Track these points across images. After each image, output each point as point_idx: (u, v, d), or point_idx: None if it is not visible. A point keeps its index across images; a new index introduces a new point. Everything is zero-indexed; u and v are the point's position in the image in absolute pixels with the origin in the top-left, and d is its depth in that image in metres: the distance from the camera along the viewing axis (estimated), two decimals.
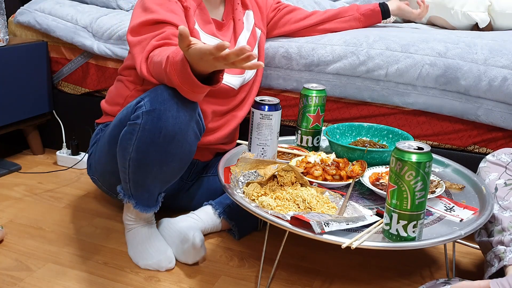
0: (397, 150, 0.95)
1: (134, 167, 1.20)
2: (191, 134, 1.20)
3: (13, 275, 1.25)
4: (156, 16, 1.28)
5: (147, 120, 1.15)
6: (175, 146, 1.18)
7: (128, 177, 1.23)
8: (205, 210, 1.42)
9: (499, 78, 1.41)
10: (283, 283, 1.26)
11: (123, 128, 1.21)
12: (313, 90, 1.39)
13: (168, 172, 1.23)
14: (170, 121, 1.14)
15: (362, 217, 1.05)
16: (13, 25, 2.02)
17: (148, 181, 1.23)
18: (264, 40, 1.62)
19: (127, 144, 1.19)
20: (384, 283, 1.28)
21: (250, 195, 1.14)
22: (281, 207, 1.09)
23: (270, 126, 1.27)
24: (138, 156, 1.19)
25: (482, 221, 1.06)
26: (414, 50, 1.51)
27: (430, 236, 1.01)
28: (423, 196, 0.95)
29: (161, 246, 1.31)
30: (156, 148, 1.17)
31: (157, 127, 1.15)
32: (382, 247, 1.00)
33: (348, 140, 1.45)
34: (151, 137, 1.16)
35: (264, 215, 1.05)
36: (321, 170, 1.22)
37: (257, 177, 1.21)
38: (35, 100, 1.92)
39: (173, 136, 1.16)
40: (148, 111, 1.15)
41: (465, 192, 1.24)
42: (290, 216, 1.02)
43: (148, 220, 1.34)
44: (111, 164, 1.29)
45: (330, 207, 1.10)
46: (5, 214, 1.55)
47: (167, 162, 1.20)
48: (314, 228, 0.97)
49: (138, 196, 1.26)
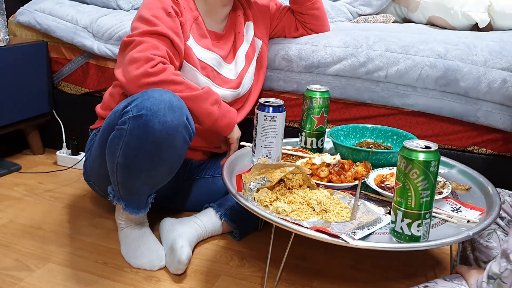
0: (404, 148, 0.95)
1: (121, 171, 1.20)
2: (180, 139, 1.18)
3: (13, 275, 1.25)
4: (158, 29, 1.28)
5: (134, 126, 1.14)
6: (163, 152, 1.16)
7: (116, 180, 1.23)
8: (207, 213, 1.42)
9: (498, 80, 1.41)
10: (283, 283, 1.26)
11: (111, 132, 1.20)
12: (317, 92, 1.39)
13: (156, 176, 1.22)
14: (157, 127, 1.12)
15: (379, 219, 1.05)
16: (13, 25, 2.02)
17: (137, 185, 1.22)
18: (265, 50, 1.61)
19: (114, 148, 1.18)
20: (385, 284, 1.28)
21: (263, 201, 1.11)
22: (297, 211, 1.07)
23: (274, 127, 1.25)
24: (125, 161, 1.18)
25: (489, 221, 1.05)
26: (414, 52, 1.51)
27: (437, 237, 1.00)
28: (428, 196, 0.95)
29: (153, 245, 1.31)
30: (143, 154, 1.16)
31: (144, 133, 1.13)
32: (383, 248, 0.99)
33: (352, 141, 1.45)
34: (138, 143, 1.14)
35: (288, 225, 1.01)
36: (327, 171, 1.21)
37: (266, 182, 1.18)
38: (35, 100, 1.92)
39: (161, 142, 1.14)
40: (135, 117, 1.13)
41: (471, 193, 1.23)
42: (315, 229, 1.00)
43: (139, 221, 1.34)
44: (104, 168, 1.28)
45: (343, 207, 1.09)
46: (5, 214, 1.55)
47: (155, 168, 1.19)
48: (347, 240, 0.96)
49: (127, 199, 1.26)
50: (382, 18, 2.09)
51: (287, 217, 1.05)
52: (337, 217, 1.07)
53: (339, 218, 1.06)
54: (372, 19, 2.07)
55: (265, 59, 1.60)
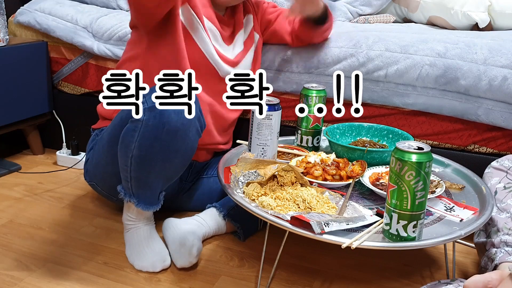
0: (397, 150, 0.95)
1: (136, 164, 1.21)
2: (193, 130, 1.21)
3: (13, 275, 1.25)
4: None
5: (150, 116, 1.16)
6: (178, 142, 1.19)
7: (129, 175, 1.23)
8: (210, 212, 1.42)
9: (499, 77, 1.41)
10: (283, 283, 1.26)
11: (123, 128, 1.22)
12: (313, 90, 1.39)
13: (170, 168, 1.24)
14: (173, 116, 1.16)
15: (362, 217, 1.05)
16: (13, 25, 2.02)
17: (151, 179, 1.23)
18: (261, 45, 1.62)
19: (129, 141, 1.20)
20: (384, 283, 1.28)
21: (250, 195, 1.14)
22: (281, 207, 1.09)
23: (270, 126, 1.27)
24: (140, 153, 1.19)
25: (482, 221, 1.06)
26: (413, 51, 1.51)
27: (430, 236, 1.01)
28: (423, 196, 0.95)
29: (157, 246, 1.31)
30: (159, 144, 1.18)
31: (160, 122, 1.16)
32: (382, 247, 1.00)
33: (348, 140, 1.45)
34: (154, 133, 1.17)
35: (264, 215, 1.05)
36: (321, 170, 1.22)
37: (257, 177, 1.21)
38: (35, 100, 1.92)
39: (176, 132, 1.17)
40: (151, 108, 1.16)
41: (465, 192, 1.24)
42: (290, 216, 1.02)
43: (149, 219, 1.34)
44: (111, 166, 1.29)
45: (330, 207, 1.10)
46: (5, 214, 1.55)
47: (169, 159, 1.21)
48: (314, 228, 0.97)
49: (140, 195, 1.26)
50: (382, 18, 2.09)
51: (270, 210, 1.07)
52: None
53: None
54: (372, 19, 2.07)
55: (260, 55, 1.62)
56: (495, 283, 0.79)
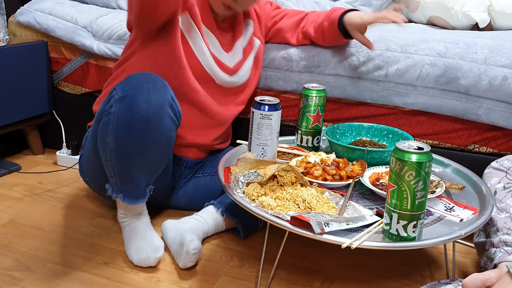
0: (397, 150, 0.95)
1: (115, 158, 1.21)
2: (167, 118, 1.21)
3: (13, 275, 1.25)
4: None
5: (120, 108, 1.17)
6: (152, 132, 1.19)
7: (112, 170, 1.24)
8: (208, 210, 1.42)
9: (499, 77, 1.41)
10: (283, 283, 1.26)
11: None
12: (313, 90, 1.39)
13: (150, 159, 1.24)
14: (142, 105, 1.16)
15: (362, 217, 1.05)
16: (13, 25, 2.02)
17: (133, 172, 1.23)
18: (262, 50, 1.62)
19: (105, 135, 1.20)
20: (384, 283, 1.28)
21: (250, 195, 1.14)
22: (281, 207, 1.09)
23: (270, 126, 1.27)
24: (117, 145, 1.19)
25: (482, 221, 1.06)
26: (414, 51, 1.51)
27: (430, 236, 1.01)
28: (423, 196, 0.95)
29: (151, 238, 1.31)
30: (133, 135, 1.18)
31: (130, 112, 1.16)
32: (382, 247, 1.00)
33: (348, 140, 1.45)
34: (126, 124, 1.17)
35: (264, 215, 1.05)
36: (321, 170, 1.22)
37: (257, 177, 1.21)
38: (35, 100, 1.92)
39: (148, 121, 1.17)
40: (120, 98, 1.16)
41: (465, 192, 1.24)
42: (290, 216, 1.02)
43: (141, 214, 1.34)
44: (97, 162, 1.29)
45: (330, 207, 1.10)
46: (5, 214, 1.55)
47: (147, 149, 1.21)
48: (314, 228, 0.97)
49: (125, 189, 1.26)
50: None
51: (270, 210, 1.07)
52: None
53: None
54: None
55: (261, 60, 1.61)
56: (493, 281, 0.80)
